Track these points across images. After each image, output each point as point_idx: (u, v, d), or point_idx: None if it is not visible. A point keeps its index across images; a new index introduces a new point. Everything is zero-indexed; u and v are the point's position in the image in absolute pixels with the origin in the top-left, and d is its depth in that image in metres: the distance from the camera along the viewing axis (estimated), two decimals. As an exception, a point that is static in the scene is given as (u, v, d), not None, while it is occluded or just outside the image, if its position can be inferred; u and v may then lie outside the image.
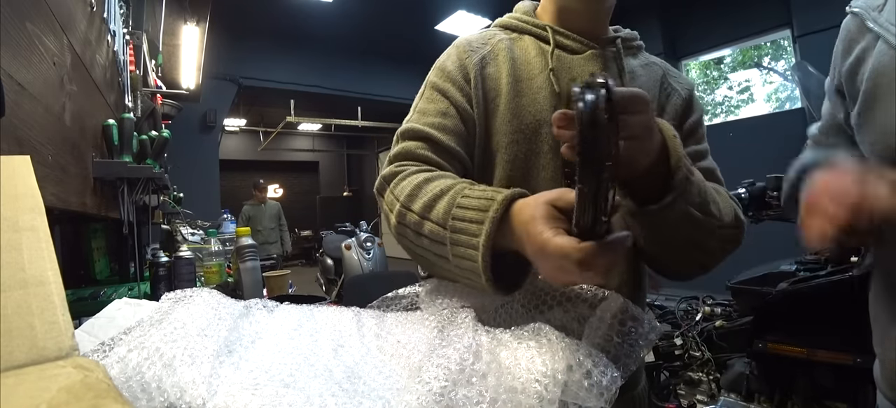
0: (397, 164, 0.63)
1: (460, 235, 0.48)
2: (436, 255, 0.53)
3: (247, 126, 9.92)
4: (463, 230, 0.48)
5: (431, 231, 0.52)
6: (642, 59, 0.76)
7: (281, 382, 0.39)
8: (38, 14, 0.79)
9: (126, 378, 0.39)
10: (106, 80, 1.39)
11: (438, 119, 0.66)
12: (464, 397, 0.35)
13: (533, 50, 0.70)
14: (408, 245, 0.57)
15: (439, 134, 0.64)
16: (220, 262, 1.53)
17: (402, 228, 0.56)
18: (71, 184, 0.94)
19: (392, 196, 0.59)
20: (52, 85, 0.86)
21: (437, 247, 0.51)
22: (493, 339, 0.42)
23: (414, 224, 0.54)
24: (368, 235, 4.81)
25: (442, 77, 0.69)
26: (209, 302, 0.52)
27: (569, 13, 0.70)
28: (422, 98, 0.70)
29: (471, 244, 0.46)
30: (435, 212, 0.52)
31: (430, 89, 0.70)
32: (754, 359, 1.60)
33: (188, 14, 2.78)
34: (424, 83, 0.72)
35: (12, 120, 0.65)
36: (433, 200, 0.53)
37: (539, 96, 0.66)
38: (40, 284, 0.35)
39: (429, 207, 0.53)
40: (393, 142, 0.68)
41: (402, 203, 0.56)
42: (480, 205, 0.47)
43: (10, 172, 0.38)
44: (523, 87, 0.67)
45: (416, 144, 0.64)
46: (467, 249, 0.47)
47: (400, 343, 0.48)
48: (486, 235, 0.45)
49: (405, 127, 0.67)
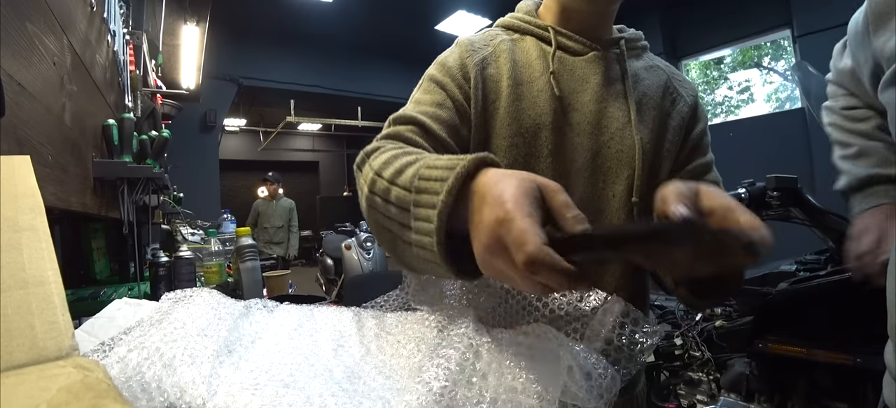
0: (382, 140, 0.60)
1: (423, 195, 0.41)
2: (400, 225, 0.46)
3: (247, 126, 9.93)
4: (426, 189, 0.41)
5: (398, 197, 0.45)
6: (646, 61, 0.74)
7: (281, 382, 0.39)
8: (38, 14, 0.79)
9: (126, 378, 0.39)
10: (106, 80, 1.39)
11: (433, 109, 0.63)
12: (464, 397, 0.35)
13: (534, 51, 0.69)
14: (376, 218, 0.51)
15: (432, 122, 0.62)
16: (220, 262, 1.53)
17: (372, 197, 0.50)
18: (71, 184, 0.94)
19: (368, 168, 0.54)
20: (53, 85, 0.86)
21: (402, 215, 0.45)
22: (493, 339, 0.42)
23: (382, 191, 0.48)
24: (368, 235, 4.81)
25: (441, 71, 0.67)
26: (209, 302, 0.52)
27: (571, 13, 0.68)
28: (419, 89, 0.68)
29: (430, 203, 0.40)
30: (404, 176, 0.46)
31: (427, 81, 0.68)
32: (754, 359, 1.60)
33: (188, 14, 2.78)
34: (423, 76, 0.70)
35: (12, 120, 0.65)
36: (405, 166, 0.47)
37: (539, 99, 0.65)
38: (40, 284, 0.35)
39: (399, 171, 0.47)
40: (384, 125, 0.65)
41: (375, 171, 0.51)
42: (449, 163, 0.41)
43: (10, 172, 0.38)
44: (523, 90, 0.66)
45: (406, 128, 0.62)
46: (426, 209, 0.40)
47: (400, 343, 0.48)
48: (446, 191, 0.38)
49: (398, 113, 0.64)
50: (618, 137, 0.66)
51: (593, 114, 0.66)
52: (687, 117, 0.71)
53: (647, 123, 0.67)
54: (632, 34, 0.74)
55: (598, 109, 0.66)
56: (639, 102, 0.67)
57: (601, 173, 0.66)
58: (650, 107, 0.68)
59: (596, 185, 0.66)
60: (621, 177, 0.65)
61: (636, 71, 0.70)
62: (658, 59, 0.76)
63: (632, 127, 0.65)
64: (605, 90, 0.67)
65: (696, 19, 5.47)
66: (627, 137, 0.66)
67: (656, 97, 0.70)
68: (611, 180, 0.66)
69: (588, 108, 0.66)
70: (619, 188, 0.65)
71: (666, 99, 0.71)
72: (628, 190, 0.65)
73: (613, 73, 0.68)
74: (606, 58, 0.68)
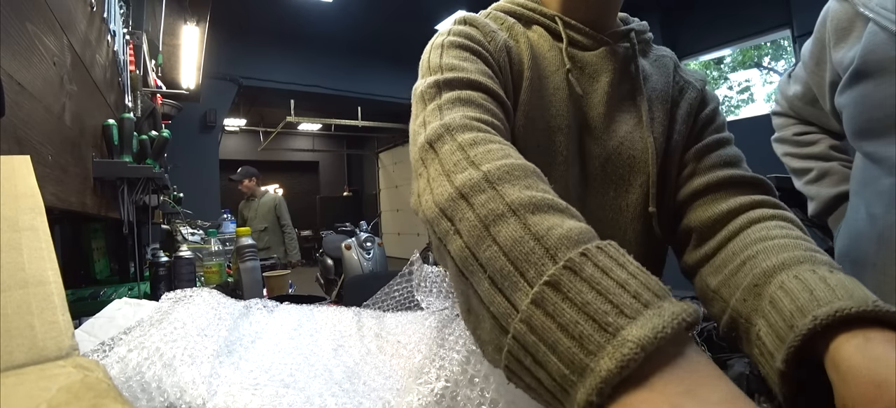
0: (471, 116, 0.43)
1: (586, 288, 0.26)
2: (490, 280, 0.30)
3: (247, 126, 9.93)
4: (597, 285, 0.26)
5: (516, 242, 0.29)
6: (652, 54, 0.67)
7: (281, 382, 0.39)
8: (38, 14, 0.79)
9: (126, 378, 0.39)
10: (106, 80, 1.39)
11: (487, 79, 0.51)
12: (465, 397, 0.34)
13: (545, 43, 0.59)
14: (444, 235, 0.34)
15: (496, 88, 0.50)
16: (220, 262, 1.53)
17: (458, 206, 0.34)
18: (71, 184, 0.94)
19: (462, 155, 0.37)
20: (52, 85, 0.86)
21: (505, 271, 0.29)
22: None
23: (488, 214, 0.32)
24: (368, 235, 4.81)
25: (467, 40, 0.55)
26: (209, 302, 0.52)
27: (578, 2, 0.60)
28: (443, 57, 0.53)
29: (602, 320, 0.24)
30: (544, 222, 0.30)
31: (454, 49, 0.54)
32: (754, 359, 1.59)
33: (188, 14, 2.78)
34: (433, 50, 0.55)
35: (12, 120, 0.65)
36: (547, 207, 0.32)
37: (555, 98, 0.57)
38: (40, 284, 0.35)
39: (536, 208, 0.31)
40: (427, 97, 0.48)
41: (485, 173, 0.34)
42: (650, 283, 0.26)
43: (9, 172, 0.38)
44: (541, 86, 0.57)
45: (482, 97, 0.48)
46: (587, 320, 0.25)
47: (400, 344, 0.48)
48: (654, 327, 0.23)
49: (449, 77, 0.49)
50: (628, 140, 0.59)
51: (603, 116, 0.59)
52: (696, 102, 0.63)
53: (659, 123, 0.60)
54: (639, 25, 0.67)
55: (608, 110, 0.59)
56: (651, 99, 0.61)
57: (612, 182, 0.59)
58: (660, 103, 0.61)
59: (607, 194, 0.59)
60: (635, 185, 0.59)
61: (645, 66, 0.63)
62: (664, 49, 0.70)
63: (643, 128, 0.59)
64: (616, 89, 0.60)
65: (696, 19, 5.47)
66: (638, 139, 0.59)
67: (665, 92, 0.62)
68: (623, 189, 0.59)
69: (598, 109, 0.59)
70: (633, 198, 0.59)
71: (674, 89, 0.64)
72: (643, 199, 0.58)
73: (624, 70, 0.61)
74: (616, 53, 0.61)
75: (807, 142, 0.88)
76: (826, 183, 0.84)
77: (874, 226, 0.63)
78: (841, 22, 0.70)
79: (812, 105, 0.85)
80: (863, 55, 0.63)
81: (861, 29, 0.66)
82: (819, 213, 0.85)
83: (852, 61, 0.66)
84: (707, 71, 6.30)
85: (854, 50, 0.66)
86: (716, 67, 6.27)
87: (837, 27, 0.70)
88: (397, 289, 0.63)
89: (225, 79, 5.79)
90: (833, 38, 0.72)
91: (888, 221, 0.60)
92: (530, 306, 0.26)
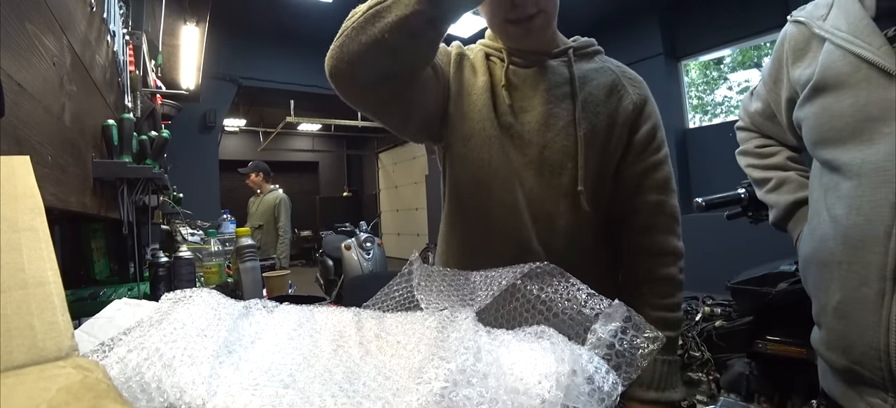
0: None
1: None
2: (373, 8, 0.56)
3: (246, 126, 9.93)
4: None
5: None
6: (597, 63, 0.83)
7: (280, 382, 0.39)
8: (37, 14, 0.79)
9: (126, 379, 0.39)
10: (106, 81, 1.39)
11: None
12: (464, 397, 0.34)
13: (498, 68, 0.81)
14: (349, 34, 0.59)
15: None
16: (219, 262, 1.53)
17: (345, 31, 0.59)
18: (70, 184, 0.94)
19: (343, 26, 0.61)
20: (52, 85, 0.86)
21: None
22: (495, 339, 0.41)
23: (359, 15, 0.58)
24: (368, 236, 4.81)
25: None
26: (209, 302, 0.52)
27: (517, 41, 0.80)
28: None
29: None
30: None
31: None
32: (754, 359, 1.60)
33: (188, 14, 2.77)
34: None
35: (12, 120, 0.65)
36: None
37: (496, 101, 0.78)
38: (40, 285, 0.35)
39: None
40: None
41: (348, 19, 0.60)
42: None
43: (9, 173, 0.38)
44: (485, 93, 0.79)
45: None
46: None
47: (400, 344, 0.48)
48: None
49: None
50: (563, 133, 0.75)
51: (542, 115, 0.76)
52: (631, 115, 0.79)
53: (592, 118, 0.76)
54: (583, 41, 0.84)
55: (547, 110, 0.76)
56: (585, 100, 0.77)
57: (548, 166, 0.75)
58: (596, 104, 0.77)
59: (544, 176, 0.75)
60: (566, 169, 0.75)
61: (585, 72, 0.80)
62: (610, 61, 0.85)
63: (575, 124, 0.75)
64: (553, 93, 0.77)
65: (695, 20, 5.48)
66: (571, 133, 0.75)
67: (602, 95, 0.78)
68: (557, 172, 0.75)
69: (537, 110, 0.76)
70: (565, 179, 0.75)
71: (613, 97, 0.79)
72: (573, 181, 0.75)
73: (560, 77, 0.78)
74: (552, 66, 0.79)
75: (767, 154, 0.96)
76: (784, 191, 0.91)
77: (837, 227, 0.68)
78: (798, 43, 0.78)
79: (771, 120, 0.93)
80: (821, 71, 0.70)
81: (816, 49, 0.74)
82: (779, 219, 0.91)
83: (810, 78, 0.73)
84: (707, 71, 6.30)
85: (811, 67, 0.73)
86: (715, 68, 6.27)
87: (795, 47, 0.78)
88: (397, 289, 0.63)
89: (225, 79, 5.78)
90: (790, 57, 0.79)
91: (850, 221, 0.66)
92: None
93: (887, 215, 0.61)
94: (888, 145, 0.61)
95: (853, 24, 0.68)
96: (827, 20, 0.73)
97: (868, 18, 0.66)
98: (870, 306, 0.63)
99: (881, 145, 0.62)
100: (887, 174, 0.61)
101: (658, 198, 0.79)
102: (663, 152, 0.81)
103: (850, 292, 0.66)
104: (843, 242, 0.67)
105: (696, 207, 1.50)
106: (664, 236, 0.79)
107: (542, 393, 0.35)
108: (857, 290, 0.65)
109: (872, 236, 0.62)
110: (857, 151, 0.65)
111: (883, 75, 0.62)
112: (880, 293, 0.61)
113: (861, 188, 0.64)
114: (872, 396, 0.66)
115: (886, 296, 0.61)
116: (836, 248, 0.68)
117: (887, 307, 0.61)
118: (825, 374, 0.77)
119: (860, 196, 0.64)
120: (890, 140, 0.61)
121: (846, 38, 0.68)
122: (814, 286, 0.75)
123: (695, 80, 6.26)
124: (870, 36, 0.65)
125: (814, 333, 0.78)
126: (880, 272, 0.61)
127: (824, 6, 0.75)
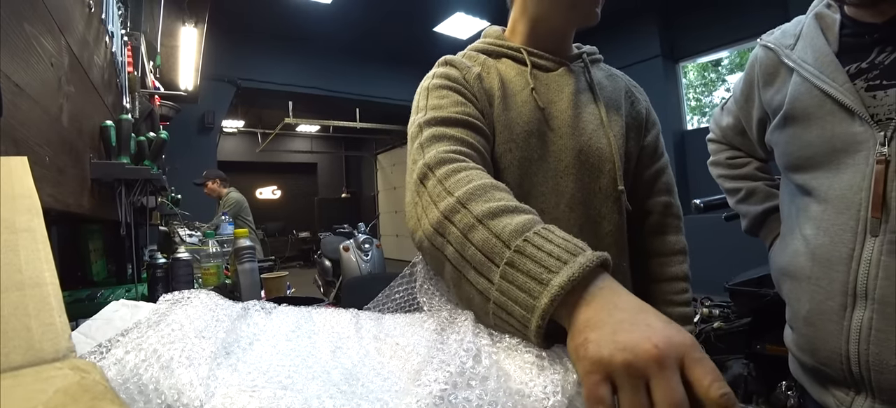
0: (443, 150, 0.57)
1: (527, 262, 0.40)
2: (475, 271, 0.45)
3: (245, 127, 9.92)
4: (534, 258, 0.40)
5: (484, 241, 0.44)
6: (605, 70, 0.84)
7: (279, 384, 0.39)
8: (36, 15, 0.79)
9: (123, 380, 0.38)
10: (104, 82, 1.38)
11: (464, 108, 0.67)
12: (464, 400, 0.34)
13: (512, 70, 0.76)
14: (441, 246, 0.49)
15: (476, 121, 0.66)
16: (217, 263, 1.53)
17: (445, 225, 0.48)
18: (68, 185, 0.94)
19: (441, 188, 0.51)
20: (50, 86, 0.86)
21: (483, 264, 0.44)
22: (496, 342, 0.41)
23: (464, 227, 0.47)
24: (367, 237, 4.81)
25: (447, 81, 0.70)
26: (207, 304, 0.52)
27: (540, 32, 0.77)
28: (432, 98, 0.68)
29: (538, 278, 0.39)
30: (500, 223, 0.45)
31: (436, 90, 0.69)
32: (752, 360, 1.60)
33: (186, 15, 2.77)
34: (423, 90, 0.71)
35: (9, 121, 0.65)
36: (501, 211, 0.46)
37: (524, 110, 0.72)
38: (37, 286, 0.34)
39: (493, 215, 0.46)
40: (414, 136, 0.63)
41: (458, 198, 0.49)
42: (567, 245, 0.41)
43: (7, 173, 0.38)
44: (510, 102, 0.73)
45: (456, 130, 0.62)
46: (530, 280, 0.40)
47: (399, 345, 0.48)
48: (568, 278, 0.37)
49: (433, 116, 0.64)
50: (595, 136, 0.74)
51: (571, 118, 0.74)
52: (645, 118, 0.82)
53: (616, 122, 0.77)
54: (589, 48, 0.84)
55: (575, 114, 0.74)
56: (606, 105, 0.77)
57: (586, 170, 0.73)
58: (615, 108, 0.78)
59: (583, 180, 0.73)
60: (604, 171, 0.74)
61: (599, 79, 0.81)
62: (614, 69, 0.87)
63: (604, 127, 0.75)
64: (578, 98, 0.76)
65: (693, 22, 5.50)
66: (602, 136, 0.74)
67: (619, 100, 0.80)
68: (596, 175, 0.74)
69: (565, 114, 0.74)
70: (604, 181, 0.74)
71: (626, 102, 0.81)
72: (612, 182, 0.74)
73: (581, 83, 0.78)
74: (573, 70, 0.78)
75: (737, 165, 1.01)
76: (754, 200, 0.97)
77: (808, 245, 0.75)
78: (768, 67, 0.82)
79: (741, 135, 0.98)
80: (790, 102, 0.75)
81: (786, 75, 0.79)
82: (750, 227, 0.98)
83: (781, 104, 0.78)
84: (705, 73, 6.32)
85: (781, 93, 0.79)
86: (713, 69, 6.29)
87: (765, 71, 0.83)
88: (398, 291, 0.63)
89: (223, 80, 5.78)
90: (761, 80, 0.84)
91: (818, 242, 0.73)
92: (500, 280, 0.42)
93: (849, 239, 0.68)
94: (851, 175, 0.68)
95: (819, 60, 0.73)
96: (794, 50, 0.78)
97: (832, 55, 0.72)
98: (834, 317, 0.71)
99: (845, 175, 0.69)
100: (849, 202, 0.68)
101: (667, 199, 0.83)
102: (666, 156, 0.85)
103: (817, 305, 0.74)
104: (812, 260, 0.74)
105: (694, 208, 1.50)
106: (675, 236, 0.82)
107: (542, 397, 0.34)
108: (823, 302, 0.72)
109: (837, 256, 0.70)
110: (825, 177, 0.72)
111: (846, 111, 0.69)
112: (842, 306, 0.70)
113: (828, 212, 0.71)
114: (837, 390, 0.75)
115: (848, 310, 0.69)
116: (806, 264, 0.75)
117: (848, 319, 0.69)
118: (796, 368, 0.85)
119: (827, 219, 0.71)
120: (853, 170, 0.68)
121: (813, 72, 0.73)
122: (787, 295, 0.83)
123: (693, 82, 6.27)
124: (834, 73, 0.70)
125: (787, 333, 0.85)
126: (843, 288, 0.69)
127: (792, 36, 0.80)
